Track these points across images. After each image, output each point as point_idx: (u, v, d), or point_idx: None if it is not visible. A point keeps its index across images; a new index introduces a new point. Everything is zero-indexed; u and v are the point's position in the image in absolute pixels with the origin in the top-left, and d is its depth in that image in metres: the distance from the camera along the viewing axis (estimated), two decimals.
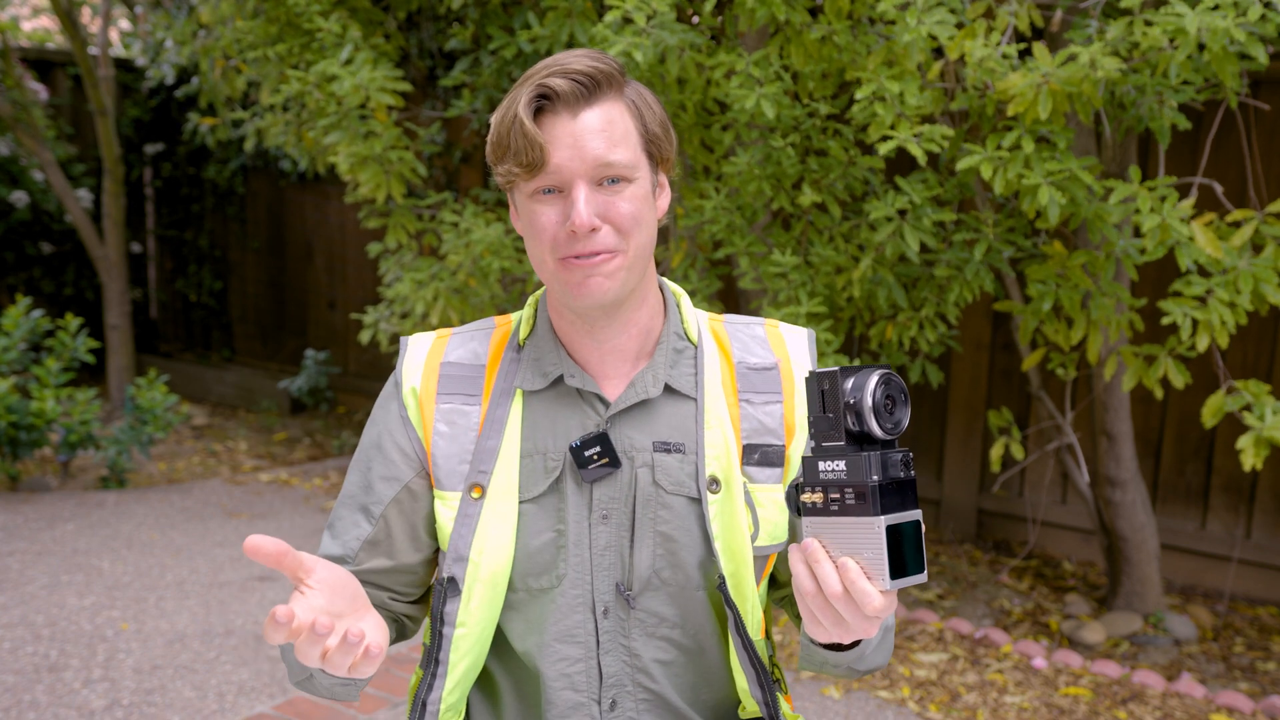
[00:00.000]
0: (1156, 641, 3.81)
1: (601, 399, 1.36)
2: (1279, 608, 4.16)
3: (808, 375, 1.12)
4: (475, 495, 1.33)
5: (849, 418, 1.08)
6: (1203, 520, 4.35)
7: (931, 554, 4.64)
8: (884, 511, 1.05)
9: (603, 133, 1.25)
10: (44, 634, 3.68)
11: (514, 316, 1.45)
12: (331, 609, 1.13)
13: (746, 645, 1.35)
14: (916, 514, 1.08)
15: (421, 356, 1.40)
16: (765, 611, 1.44)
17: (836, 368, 1.10)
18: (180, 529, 4.79)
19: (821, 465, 1.09)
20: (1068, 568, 4.52)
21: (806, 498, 1.10)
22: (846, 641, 1.14)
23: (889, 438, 1.08)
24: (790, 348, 1.42)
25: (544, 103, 1.25)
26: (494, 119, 1.29)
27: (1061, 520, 4.60)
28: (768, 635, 1.43)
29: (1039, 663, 3.64)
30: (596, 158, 1.25)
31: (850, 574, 1.06)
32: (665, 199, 1.37)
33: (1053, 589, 4.31)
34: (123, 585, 4.13)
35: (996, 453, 3.75)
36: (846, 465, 1.08)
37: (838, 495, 1.08)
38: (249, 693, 3.34)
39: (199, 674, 3.45)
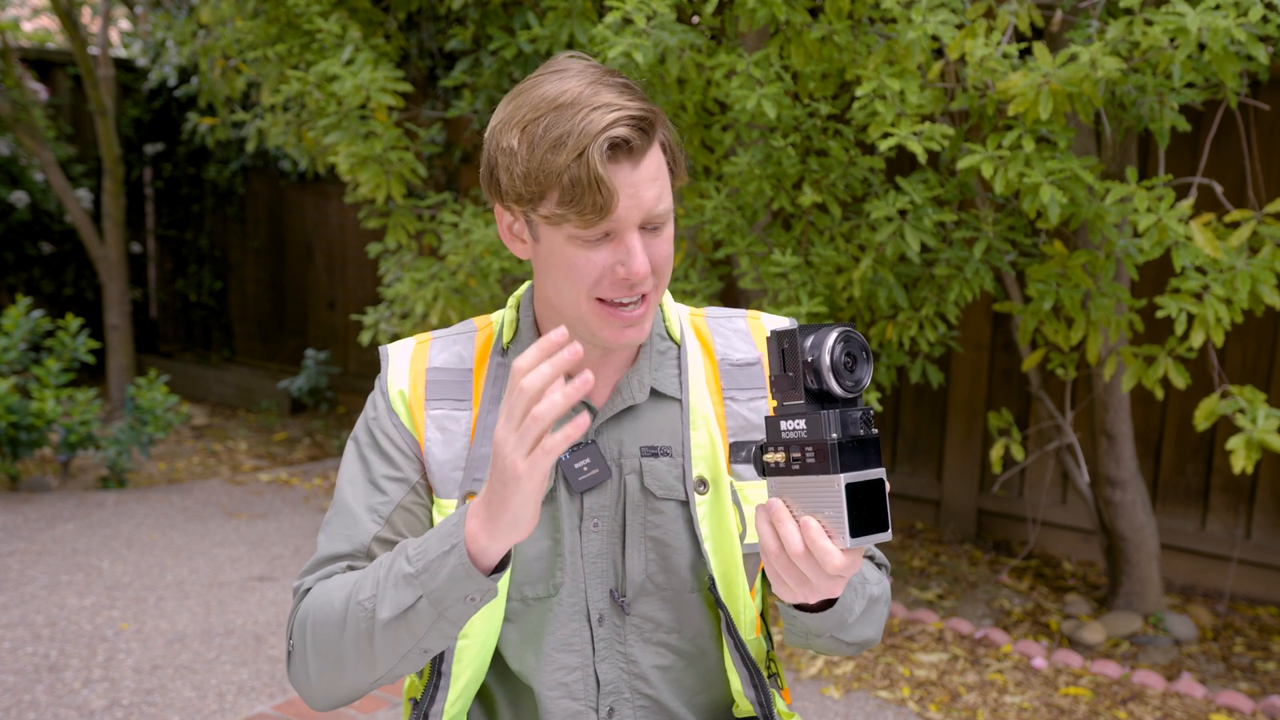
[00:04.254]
0: (1156, 641, 3.81)
1: (588, 406, 1.35)
2: (1279, 608, 4.16)
3: (769, 334, 1.11)
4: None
5: (808, 376, 1.08)
6: (1203, 520, 4.35)
7: (931, 554, 4.64)
8: (844, 469, 1.05)
9: (655, 181, 1.24)
10: (44, 634, 3.68)
11: (494, 318, 1.43)
12: None
13: (738, 645, 1.34)
14: (879, 472, 1.07)
15: (405, 363, 1.38)
16: (762, 611, 1.43)
17: (796, 326, 1.09)
18: (180, 529, 4.79)
19: (783, 424, 1.09)
20: (1068, 568, 4.52)
21: (769, 457, 1.10)
22: (812, 601, 1.14)
23: (849, 396, 1.08)
24: None
25: (615, 151, 1.20)
26: (521, 149, 1.21)
27: (1061, 520, 4.60)
28: (766, 633, 1.42)
29: (1039, 663, 3.65)
30: (650, 207, 1.23)
31: (811, 532, 1.06)
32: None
33: (1053, 589, 4.31)
34: (123, 585, 4.13)
35: (996, 453, 3.76)
36: (806, 424, 1.07)
37: (799, 454, 1.08)
38: (249, 693, 3.34)
39: (199, 674, 3.45)
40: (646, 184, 1.23)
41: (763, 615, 1.43)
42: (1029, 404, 4.59)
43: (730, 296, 4.59)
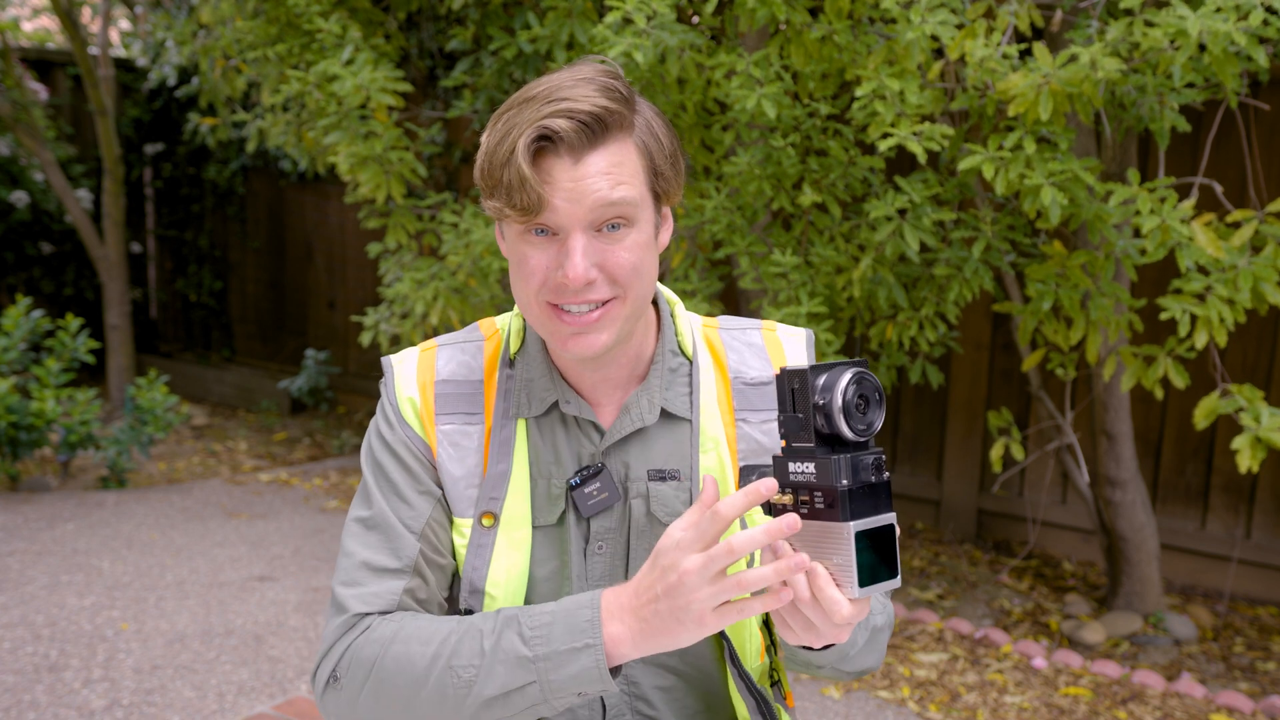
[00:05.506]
0: (1156, 641, 3.81)
1: (597, 426, 1.31)
2: (1279, 608, 4.16)
3: (778, 372, 1.07)
4: (486, 523, 1.29)
5: (819, 419, 1.04)
6: (1203, 520, 4.35)
7: (931, 554, 4.64)
8: (854, 517, 1.02)
9: (606, 175, 1.17)
10: (44, 634, 3.68)
11: (501, 325, 1.38)
12: None
13: (743, 675, 1.32)
14: (890, 518, 1.04)
15: (412, 372, 1.34)
16: (766, 621, 1.41)
17: (808, 365, 1.05)
18: (180, 529, 4.79)
19: (791, 466, 1.05)
20: (1068, 568, 4.52)
21: (776, 499, 1.07)
22: (817, 646, 1.12)
23: (860, 440, 1.04)
24: (789, 356, 1.37)
25: (544, 144, 1.17)
26: (487, 142, 1.21)
27: (1061, 520, 4.60)
28: (772, 645, 1.40)
29: (1039, 663, 3.65)
30: (597, 201, 1.17)
31: (819, 580, 1.03)
32: (667, 232, 1.31)
33: (1053, 589, 4.31)
34: (123, 585, 4.13)
35: (996, 453, 3.76)
36: (816, 468, 1.03)
37: (807, 498, 1.04)
38: (249, 693, 3.34)
39: (199, 674, 3.45)
40: (594, 178, 1.17)
41: (766, 625, 1.41)
42: (1029, 404, 4.59)
43: (730, 296, 4.59)
